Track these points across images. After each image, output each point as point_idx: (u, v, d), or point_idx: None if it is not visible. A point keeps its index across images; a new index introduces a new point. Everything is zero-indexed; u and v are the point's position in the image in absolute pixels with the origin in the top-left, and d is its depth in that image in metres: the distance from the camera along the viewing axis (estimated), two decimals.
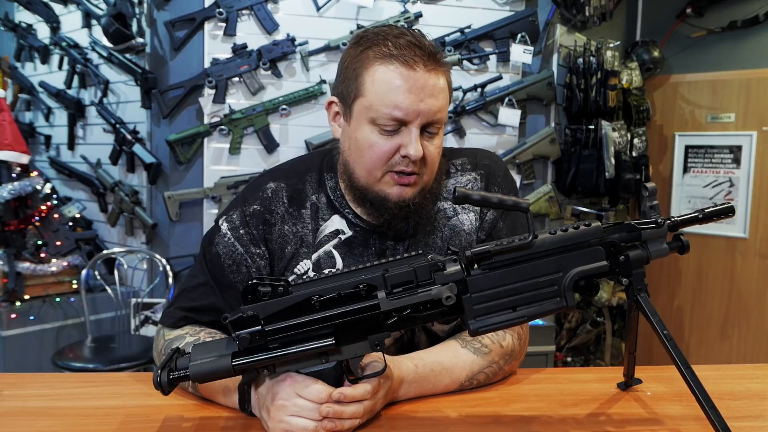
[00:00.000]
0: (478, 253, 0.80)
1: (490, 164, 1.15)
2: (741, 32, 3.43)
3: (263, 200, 1.07)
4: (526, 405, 0.96)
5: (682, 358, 0.80)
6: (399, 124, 0.97)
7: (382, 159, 0.98)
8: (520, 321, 0.82)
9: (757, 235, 3.40)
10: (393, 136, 0.97)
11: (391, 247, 1.08)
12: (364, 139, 0.99)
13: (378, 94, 0.96)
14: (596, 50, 3.15)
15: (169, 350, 0.94)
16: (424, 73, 0.96)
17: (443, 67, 1.00)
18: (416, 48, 0.96)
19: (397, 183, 1.00)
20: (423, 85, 0.95)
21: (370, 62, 0.97)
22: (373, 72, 0.97)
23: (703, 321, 3.65)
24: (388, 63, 0.96)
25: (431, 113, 0.97)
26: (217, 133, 2.78)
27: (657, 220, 0.84)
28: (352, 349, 0.82)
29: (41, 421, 0.88)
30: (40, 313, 2.84)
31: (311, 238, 1.07)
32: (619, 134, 3.30)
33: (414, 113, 0.96)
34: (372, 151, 0.98)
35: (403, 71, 0.95)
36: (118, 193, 2.98)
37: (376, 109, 0.96)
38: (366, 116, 0.98)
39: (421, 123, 0.97)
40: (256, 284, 0.79)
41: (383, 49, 0.96)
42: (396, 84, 0.95)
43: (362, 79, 0.98)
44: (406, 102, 0.95)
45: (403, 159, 0.98)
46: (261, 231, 1.06)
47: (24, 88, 3.57)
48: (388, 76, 0.95)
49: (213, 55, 2.75)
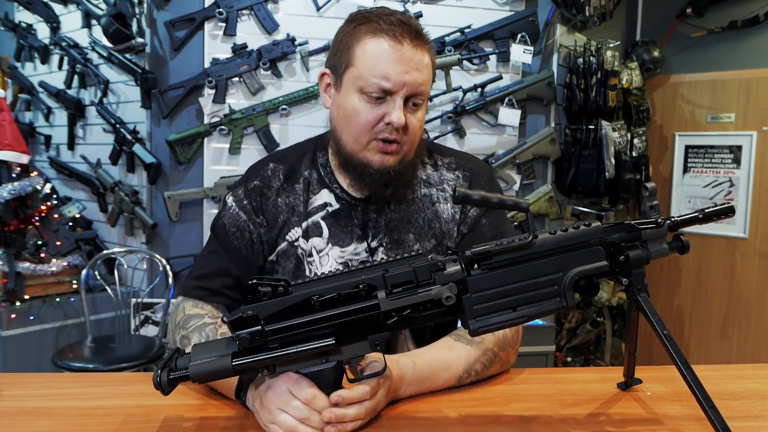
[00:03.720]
0: (478, 253, 0.81)
1: (475, 168, 1.23)
2: (741, 32, 3.43)
3: (263, 177, 1.19)
4: (526, 405, 0.96)
5: (682, 358, 0.80)
6: (385, 94, 1.04)
7: (367, 126, 1.06)
8: (520, 321, 0.82)
9: (757, 235, 3.40)
10: (379, 104, 1.05)
11: (374, 219, 1.16)
12: (352, 107, 1.07)
13: (367, 64, 1.04)
14: (596, 50, 3.15)
15: (179, 334, 1.06)
16: (410, 48, 1.04)
17: (427, 46, 1.08)
18: (404, 25, 1.05)
19: (380, 151, 1.08)
20: (409, 59, 1.04)
21: (361, 36, 1.06)
22: (364, 44, 1.05)
23: (703, 321, 3.65)
24: (378, 37, 1.04)
25: (416, 85, 1.05)
26: (217, 133, 2.79)
27: (657, 220, 0.84)
28: (352, 349, 0.82)
29: (41, 421, 0.88)
30: (40, 313, 2.84)
31: (302, 208, 1.17)
32: (619, 134, 3.30)
33: (400, 83, 1.03)
34: (359, 118, 1.06)
35: (391, 44, 1.03)
36: (118, 193, 2.98)
37: (365, 78, 1.04)
38: (355, 85, 1.06)
39: (406, 94, 1.05)
40: (256, 284, 0.79)
41: (374, 25, 1.05)
42: (384, 56, 1.03)
43: (353, 51, 1.06)
44: (393, 73, 1.03)
45: (387, 126, 1.05)
46: (258, 202, 1.17)
47: (24, 88, 3.57)
48: (377, 48, 1.04)
49: (213, 55, 2.75)
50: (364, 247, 1.15)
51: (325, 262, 1.15)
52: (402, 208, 1.17)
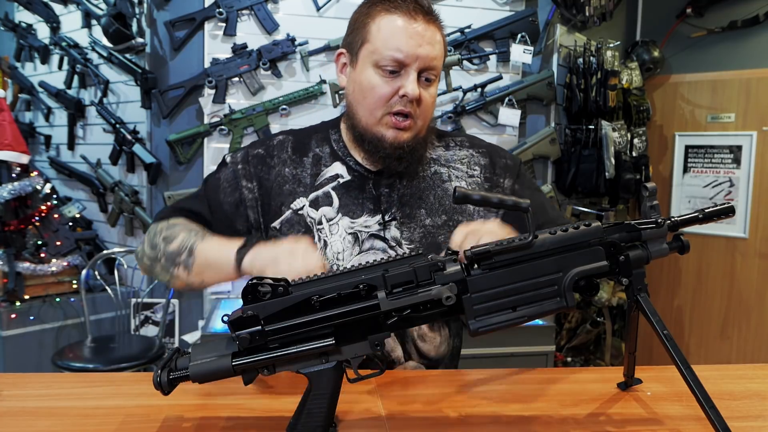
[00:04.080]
0: (478, 253, 0.81)
1: (491, 147, 1.28)
2: (741, 32, 3.43)
3: (268, 147, 1.22)
4: (526, 405, 0.96)
5: (682, 358, 0.80)
6: (399, 66, 1.09)
7: (382, 99, 1.10)
8: (520, 321, 0.82)
9: (757, 235, 3.40)
10: (393, 78, 1.09)
11: (386, 194, 1.19)
12: (368, 81, 1.11)
13: (382, 39, 1.09)
14: (596, 50, 3.15)
15: (160, 236, 1.11)
16: (423, 24, 1.09)
17: (439, 23, 1.13)
18: (416, 3, 1.10)
19: (394, 126, 1.11)
20: (422, 34, 1.08)
21: (376, 13, 1.11)
22: (378, 21, 1.10)
23: (703, 321, 3.65)
24: (392, 13, 1.09)
25: (428, 59, 1.09)
26: (217, 133, 2.79)
27: (657, 220, 0.84)
28: (352, 349, 0.81)
29: (41, 421, 0.88)
30: (40, 313, 2.84)
31: (309, 181, 1.20)
32: (619, 134, 3.30)
33: (413, 56, 1.08)
34: (374, 92, 1.10)
35: (405, 20, 1.09)
36: (118, 193, 2.98)
37: (380, 52, 1.09)
38: (370, 60, 1.10)
39: (419, 67, 1.09)
40: (256, 284, 0.79)
41: (388, 3, 1.10)
42: (398, 31, 1.08)
43: (368, 28, 1.11)
44: (407, 46, 1.07)
45: (402, 99, 1.09)
46: (258, 170, 1.20)
47: (24, 88, 3.56)
48: (391, 24, 1.09)
49: (213, 55, 2.75)
50: (376, 220, 1.17)
51: (335, 231, 1.17)
52: (414, 184, 1.19)
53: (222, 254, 1.03)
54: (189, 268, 1.06)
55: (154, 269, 1.12)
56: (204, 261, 1.05)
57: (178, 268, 1.07)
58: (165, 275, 1.10)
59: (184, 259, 1.06)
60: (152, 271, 1.13)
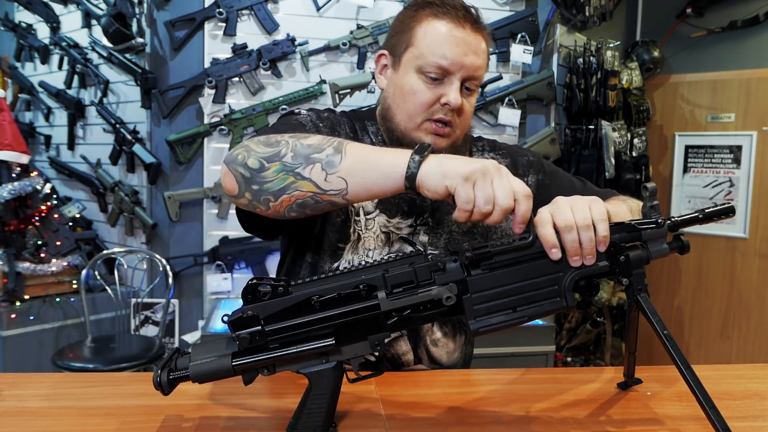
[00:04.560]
0: (479, 254, 0.80)
1: (510, 147, 1.28)
2: (741, 32, 3.43)
3: (334, 116, 1.17)
4: (526, 405, 0.96)
5: (682, 358, 0.80)
6: (443, 74, 1.06)
7: (424, 105, 1.07)
8: (521, 321, 0.82)
9: (757, 235, 3.40)
10: (436, 85, 1.06)
11: (420, 199, 1.15)
12: (410, 86, 1.08)
13: (428, 44, 1.06)
14: (596, 50, 3.15)
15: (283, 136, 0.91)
16: (470, 32, 1.07)
17: (486, 32, 1.11)
18: (465, 11, 1.08)
19: (433, 132, 1.08)
20: (469, 42, 1.06)
21: (423, 17, 1.08)
22: (426, 25, 1.07)
23: (703, 321, 3.65)
24: (440, 19, 1.07)
25: (473, 68, 1.07)
26: (217, 133, 2.79)
27: (657, 221, 0.84)
28: (352, 349, 0.81)
29: (41, 421, 0.88)
30: (40, 313, 2.84)
31: None
32: (619, 134, 3.30)
33: (458, 65, 1.05)
34: (415, 97, 1.07)
35: (452, 27, 1.06)
36: (118, 193, 2.98)
37: (425, 58, 1.06)
38: (414, 64, 1.07)
39: (463, 76, 1.06)
40: (256, 284, 0.79)
41: (437, 8, 1.08)
42: (445, 37, 1.05)
43: (414, 32, 1.08)
44: (453, 53, 1.05)
45: (443, 107, 1.06)
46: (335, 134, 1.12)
47: (24, 88, 3.56)
48: (439, 29, 1.06)
49: (213, 55, 2.75)
50: (408, 223, 1.15)
51: (370, 226, 1.14)
52: None
53: (387, 154, 0.86)
54: (332, 168, 0.86)
55: (262, 174, 0.88)
56: (359, 160, 0.86)
57: (312, 168, 0.87)
58: (281, 182, 0.87)
59: (327, 156, 0.87)
60: (255, 179, 0.89)
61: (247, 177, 0.89)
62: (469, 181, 0.79)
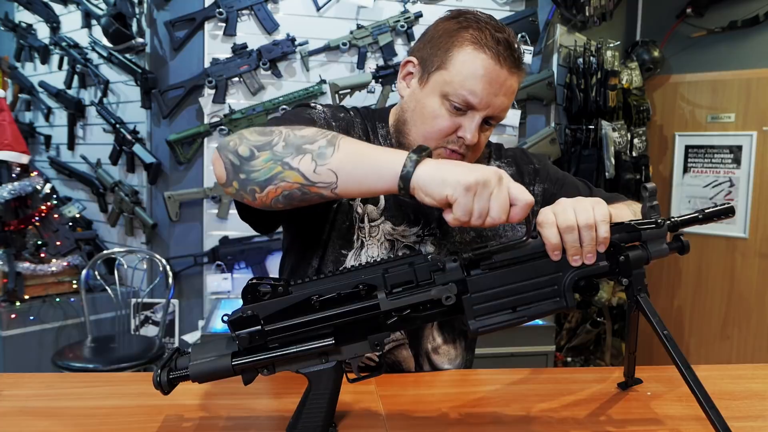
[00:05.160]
0: (478, 254, 0.80)
1: (516, 154, 1.25)
2: (741, 32, 3.43)
3: (348, 115, 1.14)
4: (526, 405, 0.96)
5: (682, 358, 0.80)
6: (468, 107, 1.02)
7: (441, 132, 1.04)
8: (520, 321, 0.82)
9: (757, 235, 3.39)
10: (458, 116, 1.03)
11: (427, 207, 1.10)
12: (431, 109, 1.04)
13: (462, 74, 1.01)
14: (596, 50, 3.15)
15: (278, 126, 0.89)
16: (507, 72, 1.02)
17: (522, 73, 1.07)
18: (509, 48, 1.02)
19: (444, 157, 1.05)
20: (503, 83, 1.02)
21: (464, 42, 1.02)
22: (464, 52, 1.02)
23: (703, 321, 3.65)
24: (481, 50, 1.01)
25: (499, 109, 1.04)
26: (217, 133, 2.79)
27: (657, 221, 0.84)
28: (352, 349, 0.81)
29: (41, 421, 0.88)
30: (40, 313, 2.84)
31: None
32: (619, 134, 3.30)
33: (486, 104, 1.02)
34: (435, 122, 1.04)
35: (491, 63, 1.00)
36: (118, 193, 2.98)
37: (454, 87, 1.01)
38: (441, 89, 1.03)
39: (487, 114, 1.03)
40: (256, 284, 0.79)
41: (481, 36, 1.01)
42: (482, 72, 1.00)
43: (451, 54, 1.03)
44: (484, 92, 1.01)
45: (459, 140, 1.04)
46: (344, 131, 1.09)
47: (24, 88, 3.56)
48: (477, 62, 1.01)
49: (213, 55, 2.75)
50: (414, 231, 1.13)
51: (374, 233, 1.12)
52: None
53: (383, 152, 0.85)
54: (323, 160, 0.83)
55: (251, 163, 0.86)
56: (352, 155, 0.84)
57: (302, 158, 0.84)
58: (268, 171, 0.85)
59: (319, 148, 0.84)
60: (244, 167, 0.86)
61: (236, 165, 0.87)
62: (470, 191, 0.76)
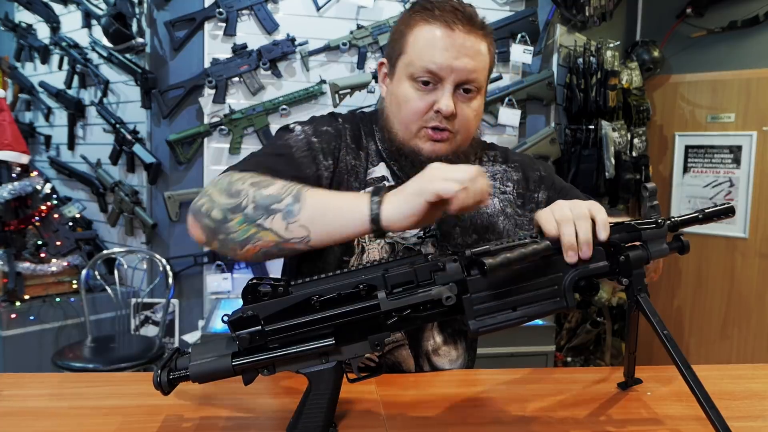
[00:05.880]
0: (478, 254, 0.80)
1: (524, 160, 1.25)
2: (741, 32, 3.43)
3: (335, 127, 1.14)
4: (526, 405, 0.96)
5: (682, 358, 0.80)
6: (435, 80, 1.03)
7: (417, 113, 1.05)
8: (521, 321, 0.82)
9: (757, 235, 3.39)
10: (429, 92, 1.04)
11: None
12: (403, 94, 1.06)
13: (418, 50, 1.04)
14: (596, 50, 3.15)
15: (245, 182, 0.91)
16: (462, 34, 1.03)
17: (482, 32, 1.06)
18: (458, 12, 1.04)
19: (431, 139, 1.06)
20: (460, 45, 1.02)
21: (415, 23, 1.06)
22: (416, 31, 1.05)
23: (703, 321, 3.65)
24: (430, 23, 1.04)
25: (465, 71, 1.03)
26: (217, 133, 2.79)
27: (657, 221, 0.84)
28: (352, 350, 0.81)
29: (41, 421, 0.88)
30: (40, 313, 2.84)
31: (362, 176, 1.14)
32: (619, 134, 3.30)
33: (448, 69, 1.02)
34: (408, 105, 1.05)
35: (442, 31, 1.03)
36: (118, 193, 2.98)
37: (415, 64, 1.04)
38: (406, 72, 1.05)
39: (455, 81, 1.03)
40: (256, 284, 0.79)
41: (428, 13, 1.04)
42: (434, 42, 1.02)
43: (406, 38, 1.06)
44: (442, 58, 1.02)
45: (437, 114, 1.04)
46: (332, 147, 1.11)
47: (24, 88, 3.57)
48: (428, 34, 1.03)
49: (213, 55, 2.75)
50: (415, 233, 1.13)
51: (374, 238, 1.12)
52: None
53: (346, 199, 0.87)
54: (292, 217, 0.86)
55: (226, 225, 0.88)
56: (319, 208, 0.86)
57: (272, 218, 0.86)
58: (244, 233, 0.87)
59: (286, 206, 0.86)
60: (220, 229, 0.89)
61: (213, 228, 0.90)
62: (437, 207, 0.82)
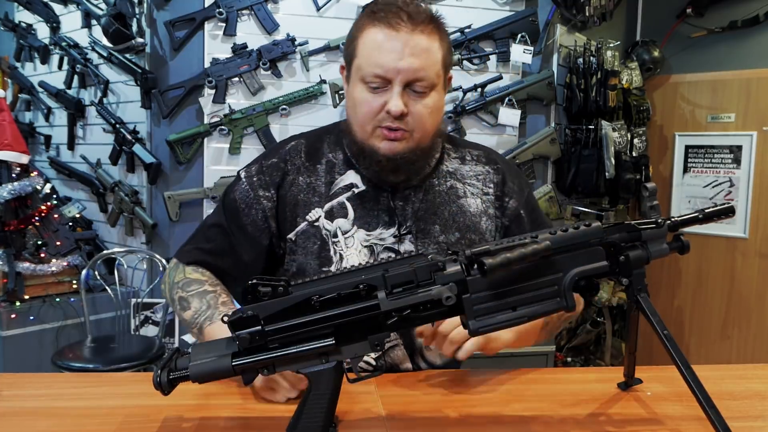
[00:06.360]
0: (478, 253, 0.80)
1: (502, 164, 1.26)
2: (741, 32, 3.43)
3: (281, 155, 1.19)
4: (526, 405, 0.96)
5: (682, 358, 0.80)
6: (384, 82, 1.05)
7: (369, 114, 1.07)
8: (521, 321, 0.82)
9: (757, 235, 3.39)
10: (380, 93, 1.06)
11: (401, 207, 1.16)
12: (357, 97, 1.08)
13: (365, 54, 1.06)
14: (596, 50, 3.15)
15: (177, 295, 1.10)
16: (406, 34, 1.03)
17: (428, 28, 1.06)
18: (401, 11, 1.04)
19: (386, 138, 1.08)
20: (404, 45, 1.03)
21: (363, 27, 1.08)
22: (364, 35, 1.07)
23: (703, 321, 3.65)
24: (375, 26, 1.05)
25: (411, 71, 1.04)
26: (217, 133, 2.78)
27: (657, 221, 0.84)
28: (352, 349, 0.81)
29: (41, 421, 0.88)
30: (40, 313, 2.84)
31: (323, 190, 1.16)
32: (619, 134, 3.30)
33: (393, 71, 1.04)
34: (362, 107, 1.08)
35: (386, 32, 1.04)
36: (118, 193, 2.98)
37: (363, 69, 1.06)
38: (358, 75, 1.08)
39: (403, 81, 1.04)
40: (256, 284, 0.79)
41: (374, 15, 1.06)
42: (379, 45, 1.04)
43: (356, 43, 1.09)
44: (386, 60, 1.03)
45: (388, 115, 1.06)
46: (274, 177, 1.16)
47: (24, 88, 3.56)
48: (373, 38, 1.05)
49: (213, 55, 2.75)
50: (391, 233, 1.15)
51: (350, 244, 1.14)
52: (429, 198, 1.17)
53: None
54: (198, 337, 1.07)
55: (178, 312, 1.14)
56: None
57: (191, 332, 1.09)
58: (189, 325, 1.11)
59: (195, 332, 1.07)
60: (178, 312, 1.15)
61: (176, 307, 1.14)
62: None
